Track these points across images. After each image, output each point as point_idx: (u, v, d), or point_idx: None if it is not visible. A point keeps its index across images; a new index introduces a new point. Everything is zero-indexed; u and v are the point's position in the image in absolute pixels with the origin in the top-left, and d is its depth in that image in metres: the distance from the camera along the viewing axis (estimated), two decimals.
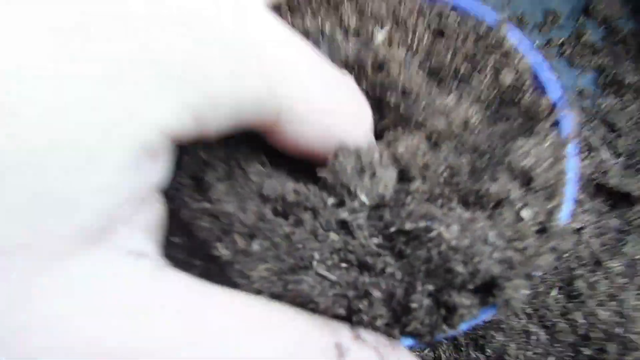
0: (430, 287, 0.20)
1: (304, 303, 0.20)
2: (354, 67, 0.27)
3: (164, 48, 0.15)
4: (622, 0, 0.51)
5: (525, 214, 0.21)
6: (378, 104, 0.27)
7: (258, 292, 0.20)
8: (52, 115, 0.14)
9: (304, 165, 0.22)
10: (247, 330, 0.17)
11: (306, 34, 0.28)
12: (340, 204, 0.20)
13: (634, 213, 0.39)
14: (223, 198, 0.21)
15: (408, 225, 0.20)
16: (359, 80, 0.27)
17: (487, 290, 0.21)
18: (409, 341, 0.22)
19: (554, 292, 0.37)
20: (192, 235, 0.22)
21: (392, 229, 0.20)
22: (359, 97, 0.23)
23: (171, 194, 0.23)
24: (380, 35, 0.28)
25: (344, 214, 0.20)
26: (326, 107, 0.20)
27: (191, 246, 0.22)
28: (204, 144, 0.22)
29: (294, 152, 0.21)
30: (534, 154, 0.22)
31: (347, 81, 0.23)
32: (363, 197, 0.20)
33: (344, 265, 0.20)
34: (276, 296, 0.20)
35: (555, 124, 0.25)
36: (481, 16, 0.28)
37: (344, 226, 0.20)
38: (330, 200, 0.20)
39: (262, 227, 0.20)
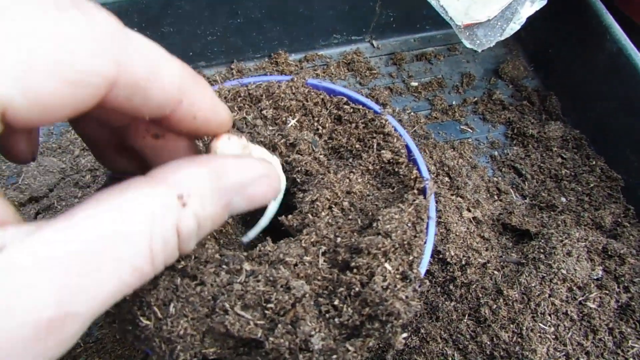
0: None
1: (229, 335, 0.25)
2: (271, 147, 0.35)
3: None
4: (527, 61, 0.60)
5: (388, 265, 0.27)
6: (289, 175, 0.34)
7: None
8: None
9: None
10: None
11: (233, 123, 0.35)
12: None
13: (531, 247, 0.46)
14: None
15: None
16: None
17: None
18: None
19: (465, 319, 0.44)
20: (118, 305, 0.26)
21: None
22: None
23: None
24: (291, 122, 0.35)
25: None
26: None
27: (119, 315, 0.26)
28: None
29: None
30: (397, 219, 0.29)
31: None
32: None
33: (255, 305, 0.26)
34: (205, 332, 0.26)
35: (422, 191, 0.32)
36: (369, 106, 0.35)
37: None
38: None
39: (175, 294, 0.25)
